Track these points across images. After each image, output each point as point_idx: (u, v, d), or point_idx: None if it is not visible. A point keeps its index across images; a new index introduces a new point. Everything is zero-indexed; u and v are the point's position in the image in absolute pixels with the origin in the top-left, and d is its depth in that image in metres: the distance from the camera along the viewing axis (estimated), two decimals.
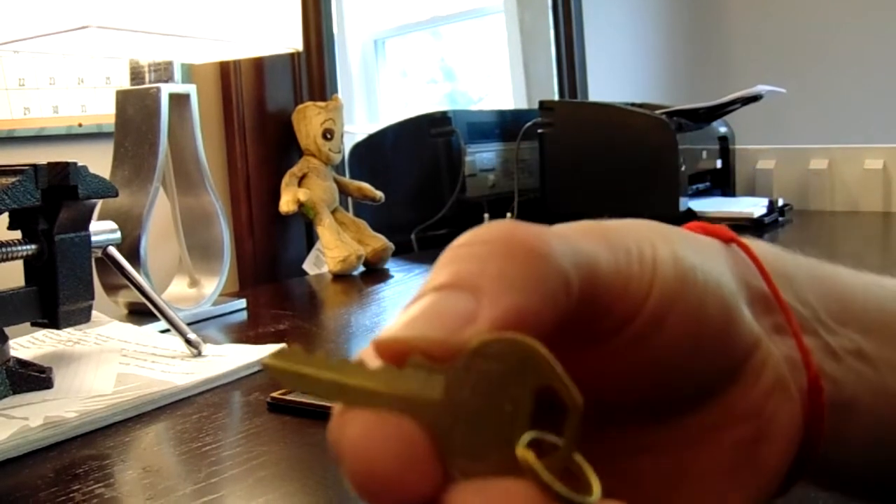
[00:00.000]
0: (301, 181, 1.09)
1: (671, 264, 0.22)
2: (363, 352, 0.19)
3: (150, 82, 0.83)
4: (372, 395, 0.17)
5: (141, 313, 0.79)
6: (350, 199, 1.17)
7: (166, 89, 0.82)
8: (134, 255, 0.77)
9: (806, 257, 0.29)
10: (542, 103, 1.34)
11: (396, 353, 0.18)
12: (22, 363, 0.57)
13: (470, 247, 0.19)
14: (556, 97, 1.64)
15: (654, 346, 0.22)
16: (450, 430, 0.17)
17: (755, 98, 1.30)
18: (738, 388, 0.24)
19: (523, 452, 0.17)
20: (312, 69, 1.19)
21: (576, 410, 0.17)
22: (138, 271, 0.74)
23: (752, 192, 1.51)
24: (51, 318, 0.60)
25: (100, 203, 0.73)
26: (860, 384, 0.26)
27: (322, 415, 0.50)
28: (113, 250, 0.69)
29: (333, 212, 1.09)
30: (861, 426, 0.27)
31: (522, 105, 1.67)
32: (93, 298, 0.63)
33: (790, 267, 0.27)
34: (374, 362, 0.18)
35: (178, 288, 0.90)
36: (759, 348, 0.24)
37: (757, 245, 0.27)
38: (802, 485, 0.32)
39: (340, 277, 1.04)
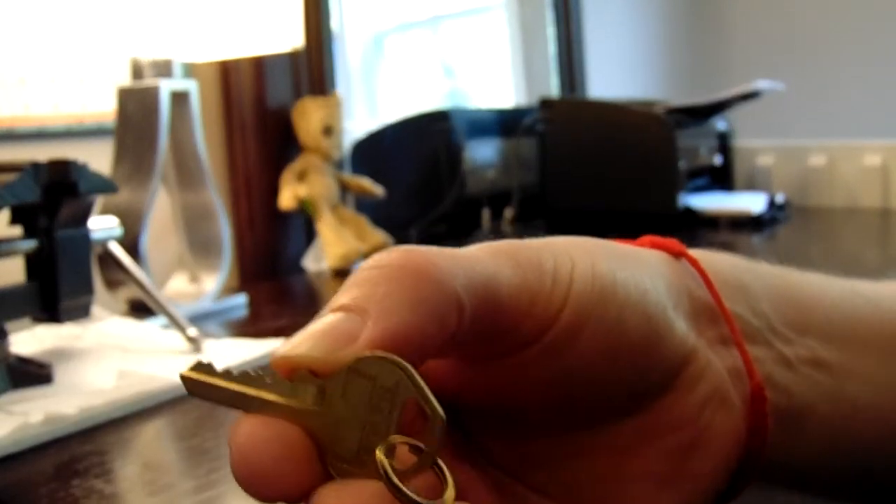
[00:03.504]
0: (301, 177, 1.09)
1: (589, 279, 0.23)
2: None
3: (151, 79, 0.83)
4: (267, 404, 0.20)
5: (141, 309, 0.79)
6: (350, 195, 1.17)
7: (167, 86, 0.82)
8: (134, 252, 0.77)
9: (771, 266, 0.29)
10: (542, 100, 1.34)
11: (287, 369, 0.20)
12: (22, 359, 0.58)
13: (369, 270, 0.21)
14: (556, 94, 1.64)
15: (571, 357, 0.22)
16: (329, 436, 0.20)
17: (754, 94, 1.30)
18: (671, 397, 0.24)
19: (379, 456, 0.19)
20: (313, 66, 1.19)
21: (435, 422, 0.19)
22: (139, 267, 0.74)
23: (751, 188, 1.51)
24: (51, 313, 0.60)
25: (100, 200, 0.74)
26: (816, 392, 0.27)
27: None
28: (113, 246, 0.69)
29: (334, 208, 1.09)
30: (817, 433, 0.27)
31: (523, 101, 1.67)
32: (93, 294, 0.63)
33: (746, 278, 0.27)
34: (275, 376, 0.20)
35: (178, 284, 0.90)
36: (695, 359, 0.24)
37: (711, 257, 0.27)
38: (801, 487, 0.32)
39: (341, 273, 1.04)
